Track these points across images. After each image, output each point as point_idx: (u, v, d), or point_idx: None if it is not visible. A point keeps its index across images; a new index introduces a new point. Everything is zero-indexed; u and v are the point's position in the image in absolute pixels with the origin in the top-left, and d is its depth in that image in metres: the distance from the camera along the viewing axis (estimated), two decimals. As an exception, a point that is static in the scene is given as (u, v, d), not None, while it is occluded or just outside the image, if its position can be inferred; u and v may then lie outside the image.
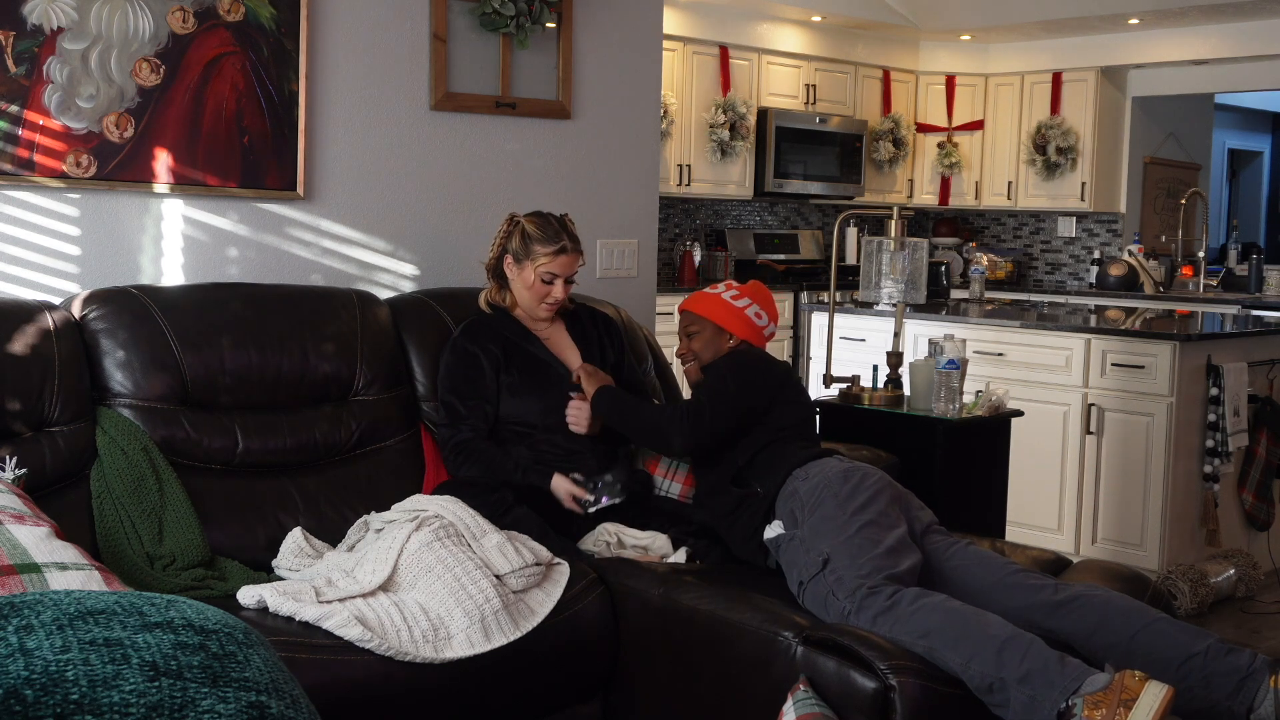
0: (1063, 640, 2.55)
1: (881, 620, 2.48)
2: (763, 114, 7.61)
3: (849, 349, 5.39)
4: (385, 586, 2.65)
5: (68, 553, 2.34)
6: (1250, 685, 2.40)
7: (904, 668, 2.36)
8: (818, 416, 3.84)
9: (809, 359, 6.38)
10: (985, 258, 8.26)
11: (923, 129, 8.62)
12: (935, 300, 5.88)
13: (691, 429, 3.08)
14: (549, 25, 3.99)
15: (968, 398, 3.92)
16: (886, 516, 2.77)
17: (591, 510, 3.13)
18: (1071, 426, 5.03)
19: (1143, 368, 4.82)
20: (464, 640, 2.56)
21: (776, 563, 2.89)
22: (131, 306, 3.02)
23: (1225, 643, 2.48)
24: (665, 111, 6.98)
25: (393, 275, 3.74)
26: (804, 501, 2.84)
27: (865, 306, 5.47)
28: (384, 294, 3.62)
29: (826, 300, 5.61)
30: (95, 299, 3.02)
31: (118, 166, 3.22)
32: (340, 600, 2.58)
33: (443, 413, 3.27)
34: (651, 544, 3.08)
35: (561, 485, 3.15)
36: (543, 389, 3.27)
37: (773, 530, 2.88)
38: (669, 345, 3.92)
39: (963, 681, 2.39)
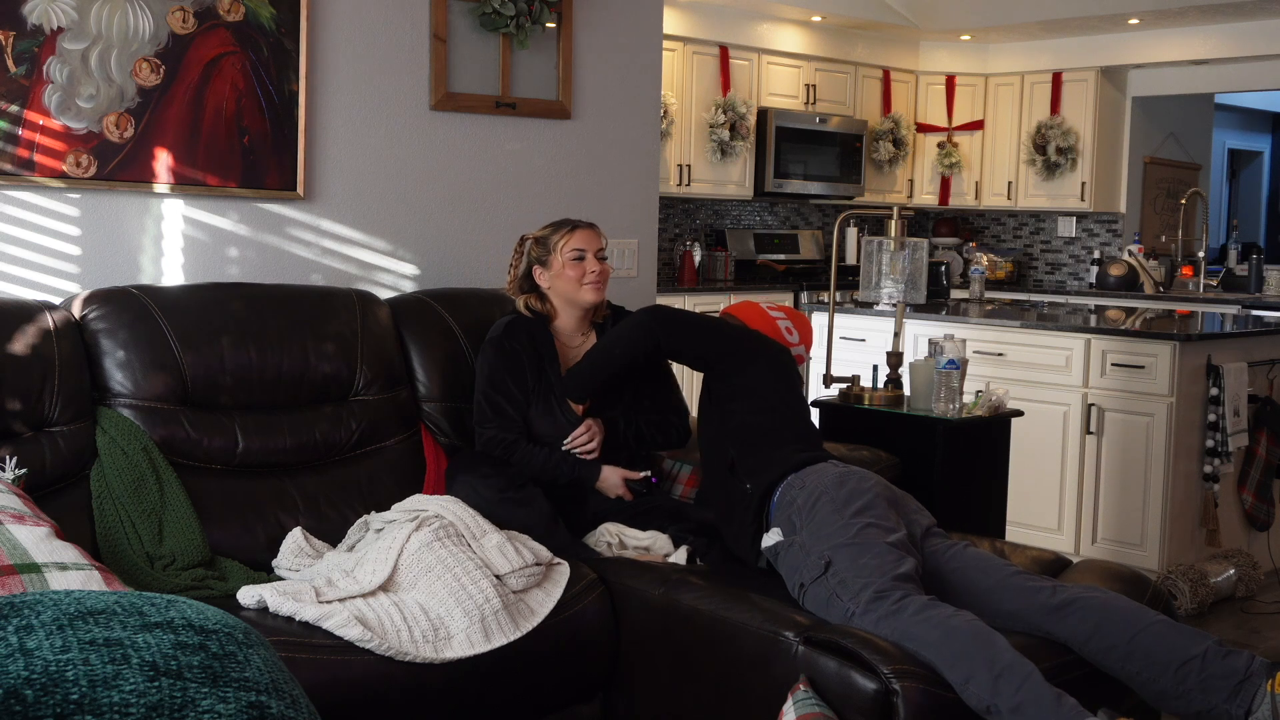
0: (1061, 643, 2.55)
1: (884, 624, 2.48)
2: (763, 114, 7.61)
3: (849, 349, 5.39)
4: (385, 586, 2.65)
5: (68, 553, 2.34)
6: (1248, 689, 2.39)
7: (908, 672, 2.35)
8: (815, 414, 3.84)
9: (809, 359, 6.38)
10: (985, 258, 8.26)
11: (923, 129, 8.61)
12: (935, 300, 5.87)
13: (658, 310, 3.27)
14: (549, 25, 3.99)
15: (968, 398, 3.92)
16: (886, 519, 2.77)
17: (644, 490, 3.22)
18: (1071, 426, 5.03)
19: (1143, 368, 4.82)
20: (464, 640, 2.56)
21: (769, 562, 2.89)
22: (131, 306, 3.02)
23: (1224, 645, 2.48)
24: (665, 111, 6.97)
25: (393, 275, 3.74)
26: (801, 509, 2.84)
27: (865, 306, 5.47)
28: (384, 294, 3.62)
29: (826, 300, 5.61)
30: (95, 299, 3.03)
31: (118, 166, 3.22)
32: (340, 600, 2.59)
33: (486, 410, 3.22)
34: (652, 544, 3.08)
35: (613, 473, 3.20)
36: (552, 412, 3.26)
37: (771, 539, 2.87)
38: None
39: (965, 688, 2.39)
